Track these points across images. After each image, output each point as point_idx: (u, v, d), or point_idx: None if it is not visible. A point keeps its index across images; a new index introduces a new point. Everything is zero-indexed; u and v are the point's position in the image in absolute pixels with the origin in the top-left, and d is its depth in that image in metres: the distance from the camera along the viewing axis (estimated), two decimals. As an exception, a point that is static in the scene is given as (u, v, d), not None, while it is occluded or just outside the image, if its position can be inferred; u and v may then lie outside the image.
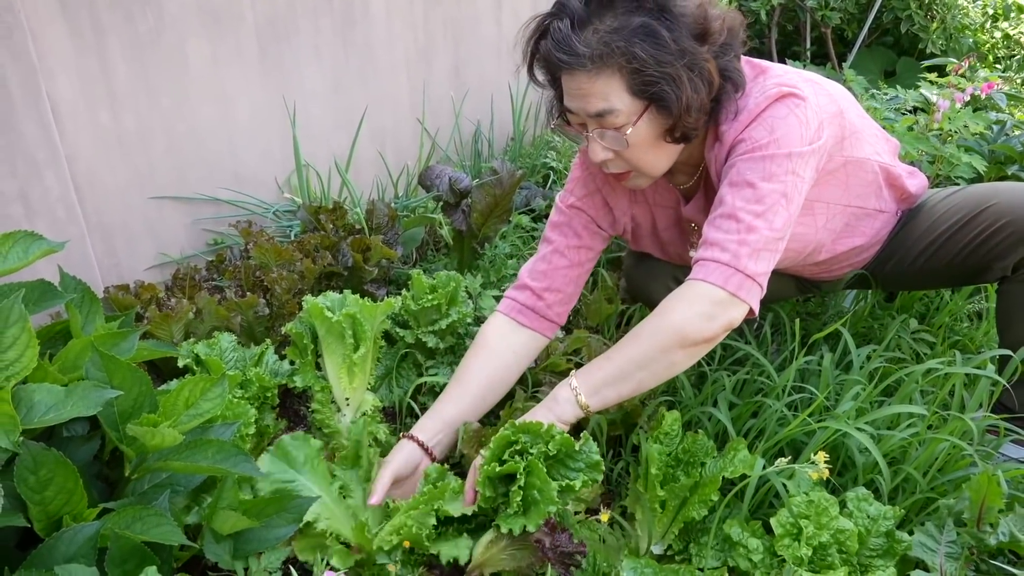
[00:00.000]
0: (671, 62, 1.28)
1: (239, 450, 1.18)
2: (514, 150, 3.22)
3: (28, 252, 1.30)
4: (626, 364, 1.37)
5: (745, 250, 1.32)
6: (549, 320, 1.68)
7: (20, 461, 1.02)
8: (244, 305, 1.77)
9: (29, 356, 1.05)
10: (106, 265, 2.04)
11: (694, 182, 1.58)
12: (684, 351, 1.35)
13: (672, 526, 1.45)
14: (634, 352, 1.37)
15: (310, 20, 2.35)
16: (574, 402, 1.40)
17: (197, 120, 2.14)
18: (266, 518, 1.27)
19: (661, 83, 1.29)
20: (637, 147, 1.39)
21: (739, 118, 1.39)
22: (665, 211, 1.68)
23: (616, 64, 1.29)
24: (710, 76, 1.33)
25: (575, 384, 1.41)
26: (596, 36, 1.29)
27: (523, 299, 1.66)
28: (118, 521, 1.07)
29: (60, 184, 1.86)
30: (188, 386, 1.21)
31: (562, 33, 1.30)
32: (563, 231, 1.68)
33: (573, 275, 1.68)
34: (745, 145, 1.37)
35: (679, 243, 1.72)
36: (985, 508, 1.28)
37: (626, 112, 1.34)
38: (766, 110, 1.37)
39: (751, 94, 1.40)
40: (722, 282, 1.32)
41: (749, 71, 1.43)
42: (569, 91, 1.37)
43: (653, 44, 1.27)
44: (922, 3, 4.23)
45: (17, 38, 1.69)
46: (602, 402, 1.41)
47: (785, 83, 1.39)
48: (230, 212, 2.28)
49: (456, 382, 1.60)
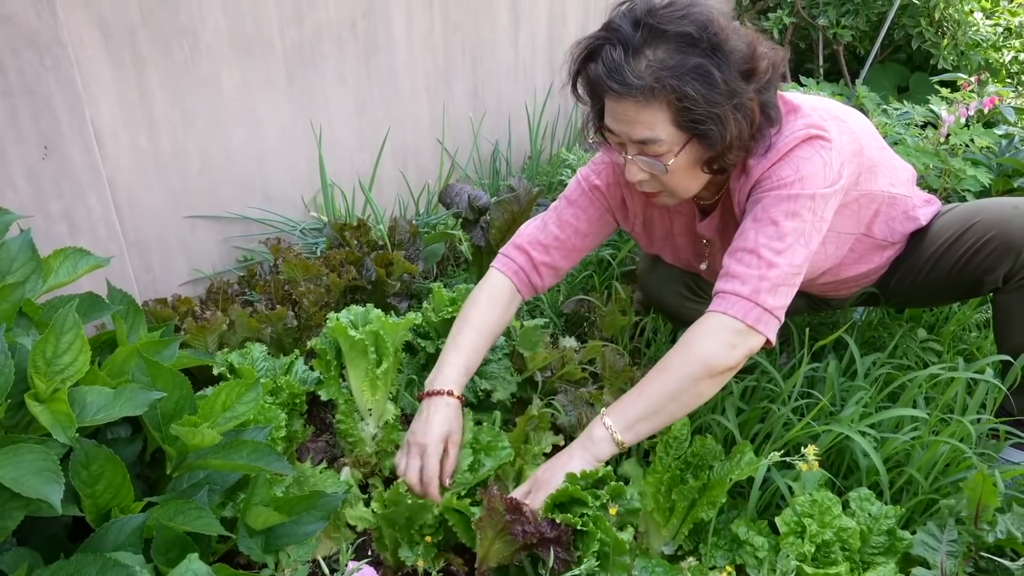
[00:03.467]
0: (720, 103, 1.30)
1: (272, 449, 1.26)
2: (531, 168, 3.31)
3: (77, 267, 1.40)
4: (657, 397, 1.41)
5: (765, 285, 1.37)
6: (535, 289, 1.73)
7: (75, 457, 1.11)
8: (274, 317, 1.86)
9: (82, 361, 1.14)
10: (143, 280, 2.14)
11: (714, 201, 1.61)
12: (711, 380, 1.40)
13: (682, 527, 1.51)
14: (663, 385, 1.41)
15: (335, 46, 2.46)
16: (610, 440, 1.42)
17: (229, 143, 2.25)
18: (297, 514, 1.35)
19: (708, 122, 1.31)
20: (674, 174, 1.42)
21: (768, 155, 1.42)
22: (681, 218, 1.71)
23: (665, 98, 1.30)
24: (752, 115, 1.36)
25: (609, 423, 1.42)
26: (649, 69, 1.29)
27: (521, 263, 1.70)
28: (162, 513, 1.16)
29: (102, 204, 1.97)
30: (225, 390, 1.30)
31: (615, 61, 1.30)
32: (578, 211, 1.70)
33: (573, 256, 1.72)
34: (771, 182, 1.41)
35: (690, 251, 1.76)
36: (982, 507, 1.33)
37: (669, 142, 1.36)
38: (794, 150, 1.40)
39: (781, 132, 1.43)
40: (742, 315, 1.37)
41: (781, 107, 1.46)
42: (614, 114, 1.39)
43: (705, 84, 1.28)
44: (932, 20, 4.28)
45: (64, 69, 1.80)
46: (636, 437, 1.44)
47: (814, 124, 1.42)
48: (259, 230, 2.39)
49: (475, 330, 1.63)
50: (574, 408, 1.82)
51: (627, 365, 1.89)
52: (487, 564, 1.42)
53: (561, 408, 1.80)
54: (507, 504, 1.37)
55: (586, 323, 2.27)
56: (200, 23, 2.07)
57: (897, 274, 1.77)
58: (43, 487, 0.99)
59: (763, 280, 1.38)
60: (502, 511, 1.37)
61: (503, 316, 1.68)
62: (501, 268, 1.71)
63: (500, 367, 1.85)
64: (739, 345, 1.38)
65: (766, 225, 1.39)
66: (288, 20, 2.29)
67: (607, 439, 1.42)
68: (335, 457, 1.76)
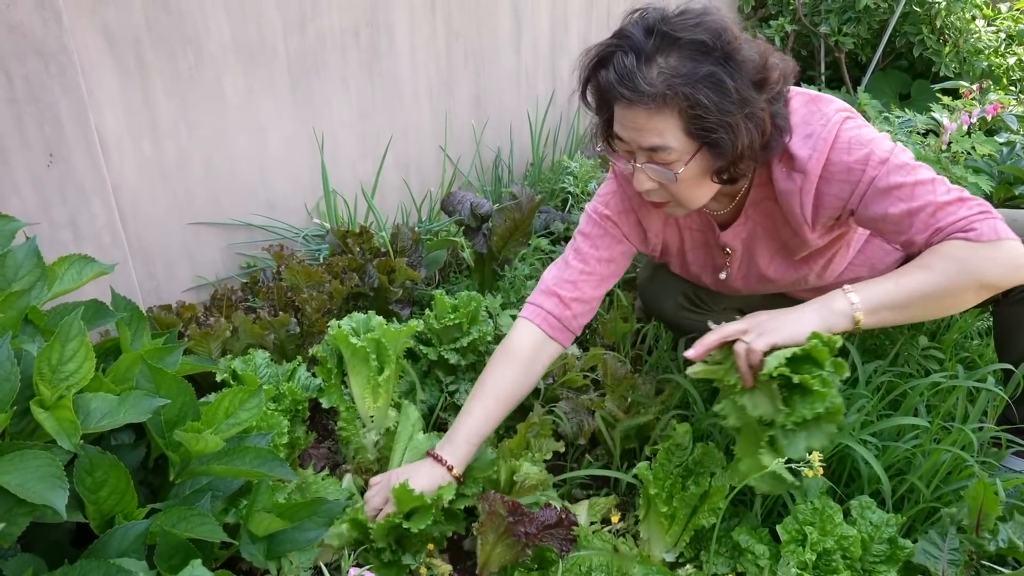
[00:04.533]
0: (732, 111, 1.28)
1: (274, 456, 1.27)
2: (533, 175, 3.32)
3: (81, 274, 1.41)
4: (914, 292, 1.33)
5: (963, 207, 1.34)
6: (571, 331, 1.67)
7: (79, 463, 1.12)
8: (277, 324, 1.87)
9: (87, 368, 1.15)
10: (147, 287, 2.15)
11: (729, 210, 1.59)
12: (976, 293, 1.33)
13: (683, 534, 1.52)
14: (927, 283, 1.32)
15: (338, 54, 2.48)
16: (849, 316, 1.32)
17: (232, 150, 2.26)
18: (299, 520, 1.36)
19: (720, 131, 1.30)
20: (684, 183, 1.40)
21: (816, 146, 1.39)
22: (693, 233, 1.70)
23: (677, 106, 1.29)
24: (764, 125, 1.34)
25: (855, 300, 1.33)
26: (661, 76, 1.28)
27: (550, 307, 1.65)
28: (165, 520, 1.17)
29: (106, 211, 1.98)
30: (228, 397, 1.31)
31: (627, 68, 1.29)
32: (594, 242, 1.68)
33: (600, 288, 1.69)
34: (847, 169, 1.38)
35: (702, 264, 1.75)
36: (983, 515, 1.34)
37: (679, 151, 1.34)
38: (840, 133, 1.39)
39: (811, 122, 1.42)
40: (989, 232, 1.31)
41: (802, 99, 1.45)
42: (623, 122, 1.37)
43: (717, 93, 1.27)
44: (934, 27, 4.29)
45: (70, 76, 1.82)
46: (877, 322, 1.35)
47: (843, 108, 1.43)
48: (262, 237, 2.40)
49: (490, 396, 1.60)
50: (575, 415, 1.82)
51: (628, 372, 1.90)
52: (488, 570, 1.43)
53: (563, 415, 1.81)
54: (508, 506, 1.37)
55: (587, 330, 2.28)
56: (204, 31, 2.08)
57: None
58: (48, 493, 1.00)
59: (951, 206, 1.34)
60: (504, 513, 1.38)
61: (523, 377, 1.63)
62: (529, 316, 1.66)
63: (502, 374, 1.86)
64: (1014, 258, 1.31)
65: (898, 192, 1.36)
66: (291, 28, 2.30)
67: (846, 314, 1.32)
68: (337, 464, 1.77)
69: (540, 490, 1.55)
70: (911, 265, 1.36)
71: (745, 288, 1.74)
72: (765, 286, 1.73)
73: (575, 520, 1.41)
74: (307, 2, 2.32)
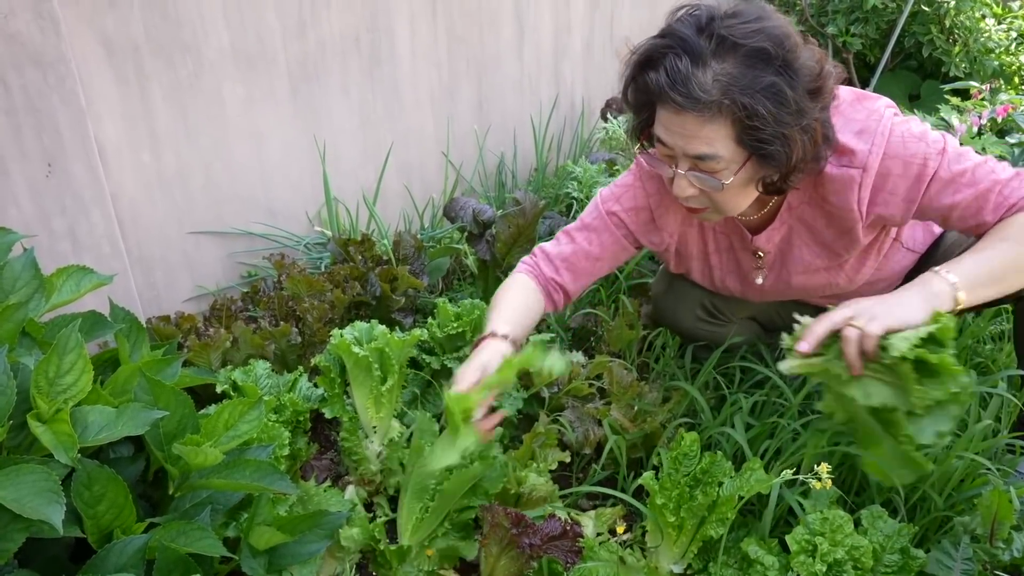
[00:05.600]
0: (789, 123, 1.24)
1: (275, 468, 1.25)
2: (537, 180, 3.30)
3: (80, 285, 1.40)
4: (1006, 264, 1.31)
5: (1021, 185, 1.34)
6: (553, 301, 1.65)
7: (76, 477, 1.10)
8: (278, 334, 1.85)
9: (85, 380, 1.13)
10: (147, 297, 2.14)
11: (760, 216, 1.55)
12: None
13: (691, 545, 1.49)
14: (1015, 253, 1.31)
15: (339, 61, 2.46)
16: (951, 296, 1.27)
17: (233, 158, 2.25)
18: (300, 533, 1.34)
19: (775, 143, 1.25)
20: (728, 191, 1.35)
21: (874, 141, 1.36)
22: (718, 236, 1.65)
23: (732, 115, 1.24)
24: (816, 135, 1.30)
25: (953, 279, 1.27)
26: (716, 83, 1.22)
27: (548, 272, 1.64)
28: (164, 534, 1.15)
29: (105, 221, 1.96)
30: (228, 409, 1.29)
31: (681, 73, 1.22)
32: (591, 235, 1.64)
33: (581, 280, 1.67)
34: (904, 164, 1.36)
35: (727, 269, 1.70)
36: (997, 524, 1.31)
37: (727, 159, 1.29)
38: (894, 128, 1.37)
39: (861, 118, 1.39)
40: None
41: (850, 96, 1.42)
42: (669, 127, 1.31)
43: (776, 104, 1.22)
44: (943, 27, 4.26)
45: (68, 86, 1.80)
46: (975, 300, 1.31)
47: (888, 104, 1.41)
48: (263, 245, 2.38)
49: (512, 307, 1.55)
50: (581, 424, 1.80)
51: (634, 380, 1.88)
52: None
53: (568, 424, 1.79)
54: (512, 518, 1.35)
55: (593, 337, 2.25)
56: (203, 39, 2.07)
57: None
58: (44, 508, 0.99)
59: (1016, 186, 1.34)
60: (507, 525, 1.36)
61: (536, 303, 1.59)
62: (528, 272, 1.64)
63: (506, 383, 1.83)
64: None
65: (957, 183, 1.35)
66: (291, 35, 2.29)
67: (947, 295, 1.27)
68: (340, 475, 1.75)
69: (546, 502, 1.53)
70: (991, 239, 1.33)
71: (775, 291, 1.70)
72: (788, 292, 1.69)
73: (580, 531, 1.39)
74: (307, 9, 2.31)
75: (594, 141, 3.57)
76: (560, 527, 1.37)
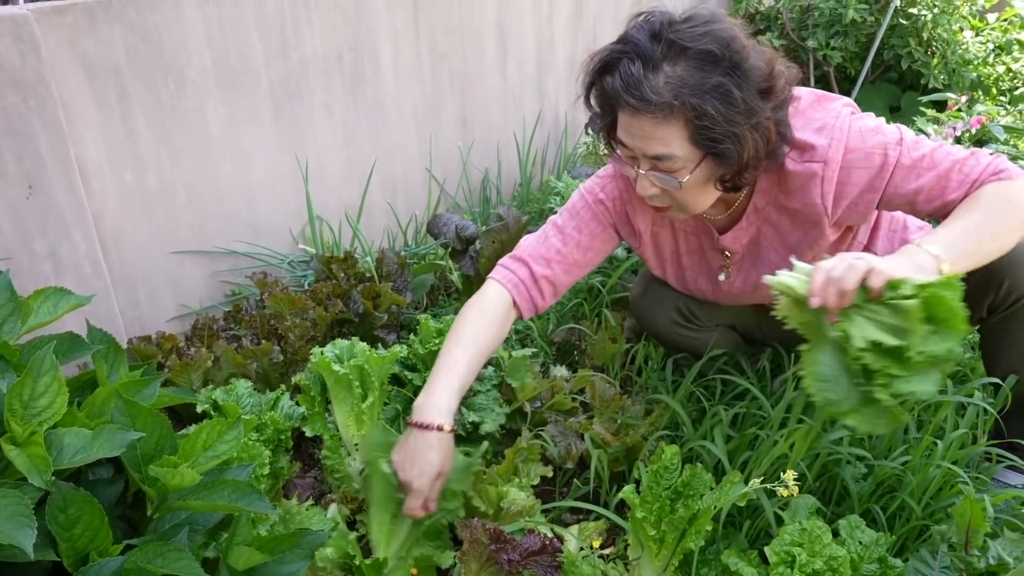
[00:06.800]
0: (739, 122, 1.29)
1: (254, 489, 1.25)
2: (522, 196, 3.32)
3: (57, 307, 1.40)
4: (981, 234, 1.34)
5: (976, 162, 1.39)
6: (533, 306, 1.65)
7: (51, 500, 1.10)
8: (259, 352, 1.86)
9: (60, 403, 1.13)
10: (129, 317, 2.14)
11: (727, 216, 1.59)
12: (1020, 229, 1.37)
13: (673, 558, 1.49)
14: (986, 223, 1.34)
15: (322, 80, 2.48)
16: (934, 269, 1.27)
17: (216, 177, 2.26)
18: (280, 553, 1.33)
19: (726, 141, 1.30)
20: (687, 190, 1.40)
21: (833, 136, 1.40)
22: (689, 237, 1.69)
23: (683, 116, 1.29)
24: (768, 134, 1.35)
25: (935, 251, 1.28)
26: (668, 85, 1.27)
27: (523, 276, 1.63)
28: (141, 556, 1.14)
29: (87, 242, 1.97)
30: (206, 429, 1.29)
31: (633, 76, 1.28)
32: (580, 224, 1.65)
33: (575, 272, 1.67)
34: (866, 155, 1.40)
35: (698, 270, 1.73)
36: (971, 532, 1.32)
37: (683, 159, 1.35)
38: (852, 123, 1.41)
39: (820, 116, 1.43)
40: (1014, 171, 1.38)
41: (810, 97, 1.46)
42: (628, 129, 1.37)
43: (724, 104, 1.27)
44: (921, 40, 4.31)
45: (49, 108, 1.81)
46: (956, 271, 1.29)
47: (847, 103, 1.46)
48: (247, 264, 2.39)
49: (466, 350, 1.54)
50: (563, 439, 1.80)
51: (617, 394, 1.88)
52: (473, 600, 1.40)
53: (551, 439, 1.79)
54: (490, 533, 1.36)
55: (576, 351, 2.26)
56: (185, 59, 2.09)
57: None
58: (15, 533, 0.98)
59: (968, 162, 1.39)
60: (486, 541, 1.36)
61: (496, 334, 1.59)
62: (500, 280, 1.63)
63: (488, 398, 1.84)
64: None
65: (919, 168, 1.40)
66: (273, 54, 2.31)
67: (932, 266, 1.27)
68: (323, 493, 1.74)
69: (526, 516, 1.53)
70: (962, 211, 1.37)
71: (744, 292, 1.72)
72: (756, 295, 1.72)
73: (559, 546, 1.39)
74: (289, 29, 2.33)
75: (578, 156, 3.59)
76: (540, 542, 1.37)
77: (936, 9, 4.25)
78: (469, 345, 1.54)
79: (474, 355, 1.54)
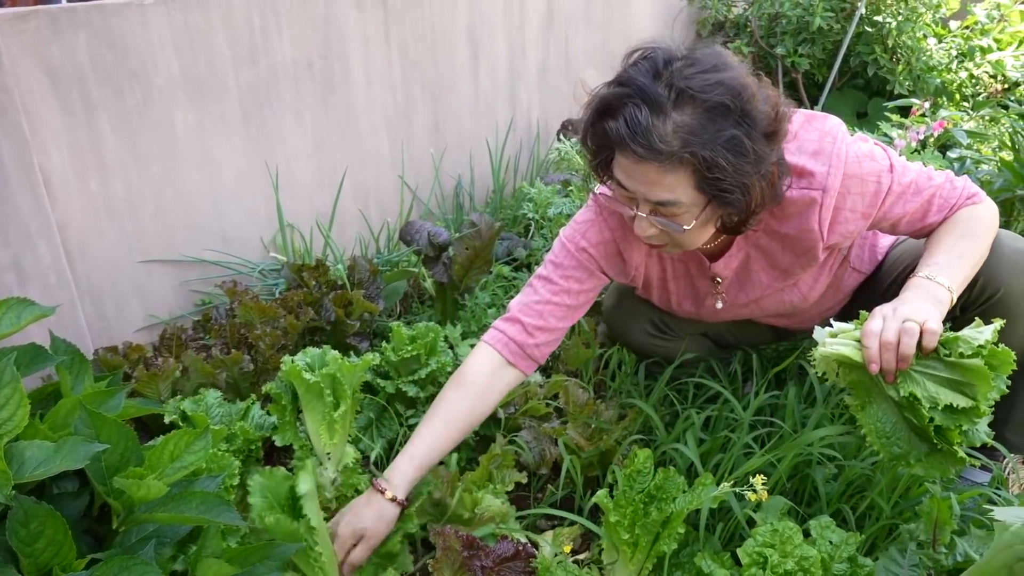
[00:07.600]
0: (748, 172, 1.26)
1: (222, 500, 1.23)
2: (495, 202, 3.32)
3: (20, 318, 1.37)
4: (973, 259, 1.43)
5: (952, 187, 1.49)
6: (533, 359, 1.63)
7: (12, 515, 1.07)
8: (229, 362, 1.83)
9: (21, 415, 1.11)
10: (96, 328, 2.11)
11: (717, 244, 1.58)
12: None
13: (646, 561, 1.50)
14: (973, 247, 1.44)
15: (291, 87, 2.46)
16: (948, 300, 1.33)
17: (184, 185, 2.23)
18: (250, 566, 1.32)
19: (736, 192, 1.28)
20: (689, 232, 1.38)
21: (831, 163, 1.40)
22: (676, 264, 1.68)
23: (692, 165, 1.25)
24: (772, 176, 1.33)
25: (945, 282, 1.34)
26: (676, 134, 1.22)
27: (512, 333, 1.61)
28: (106, 571, 1.12)
29: (51, 252, 1.94)
30: (173, 440, 1.27)
31: (640, 124, 1.22)
32: (565, 273, 1.63)
33: (566, 320, 1.65)
34: (861, 182, 1.42)
35: (683, 293, 1.72)
36: (939, 530, 1.34)
37: (688, 204, 1.31)
38: (848, 149, 1.41)
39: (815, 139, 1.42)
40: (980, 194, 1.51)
41: (800, 118, 1.44)
42: (630, 174, 1.32)
43: (736, 155, 1.23)
44: (887, 47, 4.39)
45: (11, 116, 1.78)
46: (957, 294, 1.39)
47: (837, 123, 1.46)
48: (217, 272, 2.36)
49: (441, 421, 1.55)
50: (537, 444, 1.80)
51: (590, 399, 1.89)
52: (446, 609, 1.39)
53: (525, 445, 1.79)
54: (463, 540, 1.35)
55: (550, 357, 2.26)
56: (152, 67, 2.06)
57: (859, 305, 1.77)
58: (-26, 549, 0.96)
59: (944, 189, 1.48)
60: (459, 548, 1.35)
61: (475, 402, 1.58)
62: (489, 341, 1.62)
63: (462, 405, 1.83)
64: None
65: (905, 195, 1.47)
66: (242, 61, 2.29)
67: (947, 298, 1.33)
68: (294, 503, 1.72)
69: (499, 522, 1.52)
70: (950, 237, 1.45)
71: (728, 314, 1.74)
72: (742, 312, 1.73)
73: (533, 552, 1.39)
74: (258, 36, 2.32)
75: (550, 162, 3.60)
76: (513, 548, 1.37)
77: (900, 17, 4.33)
78: (443, 416, 1.56)
79: (447, 426, 1.55)
